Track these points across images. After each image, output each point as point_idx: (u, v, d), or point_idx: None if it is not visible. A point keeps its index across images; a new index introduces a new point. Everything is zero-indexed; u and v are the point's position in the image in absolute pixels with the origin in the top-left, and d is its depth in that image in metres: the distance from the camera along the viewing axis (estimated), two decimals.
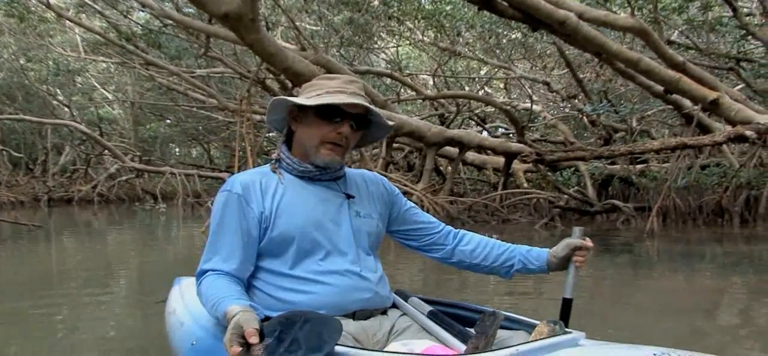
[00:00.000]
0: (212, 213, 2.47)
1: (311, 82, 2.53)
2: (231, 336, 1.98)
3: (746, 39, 14.62)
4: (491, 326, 2.12)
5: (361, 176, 2.71)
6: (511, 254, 2.73)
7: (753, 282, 6.81)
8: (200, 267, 2.40)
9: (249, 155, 12.18)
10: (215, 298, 2.23)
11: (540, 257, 2.69)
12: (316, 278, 2.38)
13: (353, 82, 2.51)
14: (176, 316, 2.85)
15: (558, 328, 2.12)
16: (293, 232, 2.38)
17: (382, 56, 21.73)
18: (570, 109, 19.51)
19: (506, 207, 14.38)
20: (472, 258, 2.77)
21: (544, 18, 10.01)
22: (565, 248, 2.60)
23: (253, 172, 2.51)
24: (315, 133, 2.44)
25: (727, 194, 12.41)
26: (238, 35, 10.17)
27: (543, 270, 2.70)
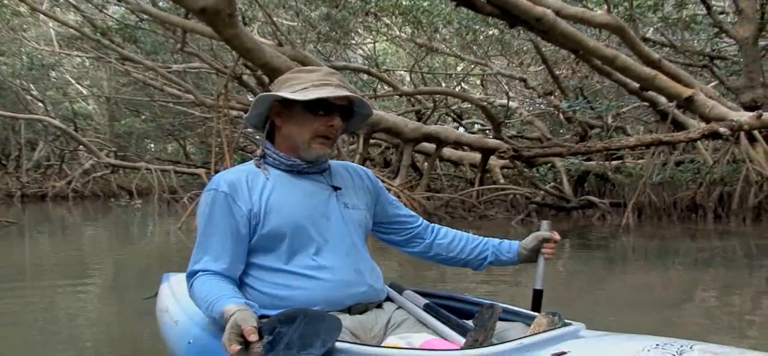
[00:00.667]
0: (198, 213, 2.45)
1: (288, 75, 2.50)
2: (230, 334, 1.98)
3: (720, 37, 14.77)
4: (490, 319, 2.13)
5: (344, 167, 2.70)
6: (485, 247, 2.79)
7: (725, 276, 6.88)
8: (190, 268, 2.38)
9: (226, 151, 12.14)
10: (209, 298, 2.21)
11: (511, 249, 2.76)
12: (311, 273, 2.37)
13: (333, 73, 2.50)
14: (170, 314, 2.83)
15: (557, 320, 2.12)
16: (284, 228, 2.36)
17: (359, 52, 21.70)
18: (546, 105, 19.60)
19: (483, 203, 14.43)
20: (448, 252, 2.81)
21: (522, 14, 10.05)
22: (534, 240, 2.69)
23: (237, 170, 2.49)
24: (305, 127, 2.42)
25: (701, 190, 12.52)
26: (215, 30, 10.11)
27: (513, 262, 2.77)
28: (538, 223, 2.96)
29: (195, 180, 22.48)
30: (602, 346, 1.95)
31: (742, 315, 5.04)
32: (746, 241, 9.92)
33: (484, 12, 10.58)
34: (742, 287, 6.22)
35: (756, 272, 7.27)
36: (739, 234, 10.51)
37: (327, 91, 2.37)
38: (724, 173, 12.19)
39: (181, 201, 18.18)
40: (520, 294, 5.46)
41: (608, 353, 1.88)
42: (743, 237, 10.28)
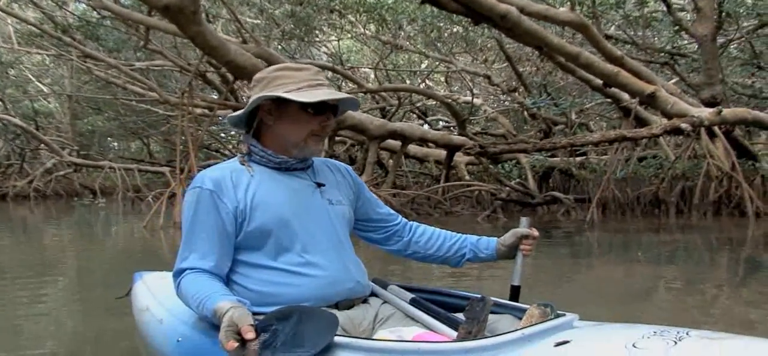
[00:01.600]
0: (184, 212, 2.44)
1: (275, 74, 2.48)
2: (226, 332, 1.98)
3: (680, 34, 14.97)
4: (482, 311, 2.13)
5: (325, 164, 2.71)
6: (462, 244, 2.82)
7: (688, 269, 6.99)
8: (177, 266, 2.37)
9: (191, 149, 12.05)
10: (200, 296, 2.21)
11: (489, 246, 2.78)
12: (299, 270, 2.37)
13: (319, 72, 2.51)
14: (152, 313, 2.81)
15: (549, 311, 2.14)
16: (270, 224, 2.36)
17: (324, 49, 21.67)
18: (510, 102, 19.72)
19: (449, 199, 14.49)
20: (426, 249, 2.83)
21: (486, 12, 10.11)
22: (513, 236, 2.72)
23: (221, 167, 2.48)
24: (301, 126, 2.43)
25: (663, 185, 12.69)
26: (179, 27, 10.05)
27: (492, 258, 2.80)
28: (504, 221, 2.99)
29: (159, 179, 22.29)
30: (602, 335, 1.97)
31: (703, 305, 5.12)
32: (707, 235, 10.07)
33: (449, 9, 10.63)
34: (704, 279, 6.32)
35: (717, 265, 7.39)
36: (700, 228, 10.67)
37: (324, 93, 2.39)
38: (686, 168, 12.36)
39: (145, 200, 18.03)
40: (490, 288, 5.50)
41: (609, 340, 1.90)
42: (704, 231, 10.44)
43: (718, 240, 9.56)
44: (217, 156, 24.90)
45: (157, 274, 3.47)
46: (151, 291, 3.04)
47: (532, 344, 1.93)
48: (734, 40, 15.16)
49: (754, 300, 5.29)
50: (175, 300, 2.53)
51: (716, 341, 1.72)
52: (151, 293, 3.00)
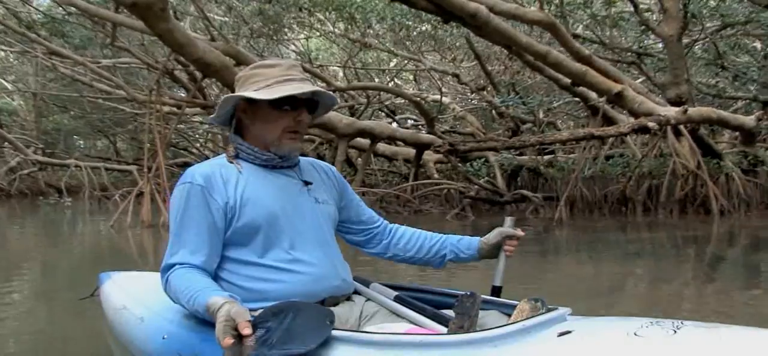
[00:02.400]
0: (172, 207, 2.42)
1: (250, 72, 2.49)
2: (224, 327, 1.97)
3: (646, 34, 15.14)
4: (472, 307, 2.14)
5: (311, 164, 2.71)
6: (443, 244, 2.81)
7: (654, 266, 7.05)
8: (166, 261, 2.35)
9: (158, 147, 11.94)
10: (190, 291, 2.20)
11: (471, 245, 2.77)
12: (286, 266, 2.37)
13: (294, 65, 2.50)
14: (130, 312, 2.78)
15: (540, 305, 2.15)
16: (260, 220, 2.36)
17: (292, 48, 21.59)
18: (479, 100, 19.80)
19: (418, 197, 14.51)
20: (406, 251, 2.83)
21: (456, 10, 10.15)
22: (497, 236, 2.71)
23: (210, 164, 2.48)
24: (274, 124, 2.43)
25: (630, 184, 12.81)
26: (147, 24, 9.96)
27: (474, 258, 2.79)
28: (473, 219, 3.00)
29: (126, 178, 22.10)
30: (601, 325, 2.00)
31: (672, 301, 5.18)
32: (673, 233, 10.18)
33: (418, 7, 10.66)
34: (671, 276, 6.40)
35: (683, 261, 7.48)
36: (666, 226, 10.78)
37: (291, 88, 2.38)
38: (652, 167, 12.50)
39: (112, 199, 17.85)
40: (463, 286, 5.51)
41: (610, 330, 1.93)
42: (670, 228, 10.55)
43: (684, 238, 9.67)
44: (185, 154, 24.77)
45: (129, 274, 3.44)
46: (126, 290, 3.01)
47: (535, 335, 1.95)
48: (699, 41, 15.36)
49: (721, 295, 5.37)
50: (155, 298, 2.52)
51: (713, 330, 1.77)
52: (127, 292, 2.97)
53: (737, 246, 8.96)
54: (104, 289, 3.28)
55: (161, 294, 2.54)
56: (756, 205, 12.56)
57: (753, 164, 13.10)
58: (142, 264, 7.42)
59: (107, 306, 3.12)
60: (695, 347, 1.70)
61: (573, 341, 1.86)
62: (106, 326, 3.30)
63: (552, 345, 1.87)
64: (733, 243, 9.33)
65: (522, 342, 1.91)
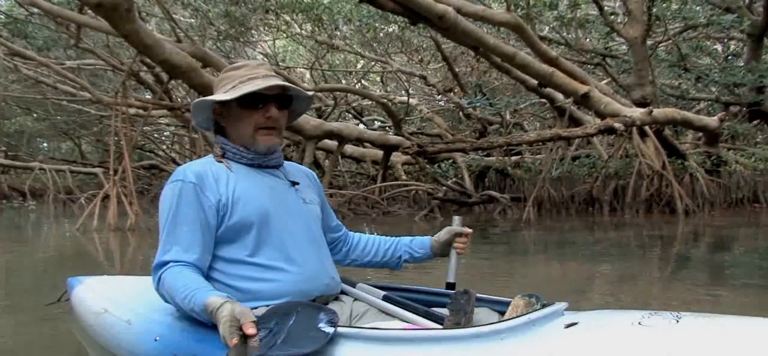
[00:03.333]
0: (163, 204, 2.41)
1: (221, 75, 2.54)
2: (229, 328, 1.97)
3: (611, 36, 15.30)
4: (467, 303, 2.16)
5: (295, 167, 2.75)
6: (398, 246, 2.89)
7: (621, 266, 7.12)
8: (158, 259, 2.34)
9: (125, 150, 11.82)
10: (186, 290, 2.19)
11: (423, 245, 2.86)
12: (279, 265, 2.38)
13: (261, 65, 2.54)
14: (114, 316, 2.75)
15: (535, 301, 2.16)
16: (252, 219, 2.37)
17: (259, 49, 21.50)
18: (446, 102, 19.87)
19: (386, 199, 14.50)
20: (364, 256, 2.90)
21: (424, 12, 10.18)
22: (446, 234, 2.78)
23: (200, 162, 2.49)
24: (245, 123, 2.46)
25: (597, 184, 12.93)
26: (112, 25, 9.84)
27: (428, 257, 2.86)
28: (442, 220, 3.05)
29: (92, 180, 21.83)
30: (605, 317, 2.05)
31: (637, 298, 5.24)
32: (639, 232, 10.29)
33: (386, 9, 10.67)
34: (637, 274, 6.47)
35: (649, 260, 7.56)
36: (633, 226, 10.89)
37: (252, 85, 2.40)
38: (618, 167, 12.63)
39: (77, 202, 17.62)
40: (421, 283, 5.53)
41: (615, 320, 1.99)
42: (637, 228, 10.66)
43: (650, 237, 9.77)
44: (152, 157, 24.56)
45: (102, 278, 3.40)
46: (104, 294, 2.97)
47: (542, 327, 1.99)
48: (662, 43, 15.57)
49: (686, 293, 5.43)
50: (140, 300, 2.50)
51: (712, 318, 1.86)
52: (106, 296, 2.94)
53: (702, 245, 9.08)
54: (77, 294, 3.24)
55: (146, 296, 2.53)
56: (719, 205, 12.75)
57: (716, 164, 13.30)
58: (109, 268, 7.33)
59: (83, 310, 3.08)
60: (698, 333, 1.78)
61: (581, 332, 1.91)
62: (81, 331, 3.25)
63: (561, 336, 1.91)
64: (698, 242, 9.45)
65: (530, 334, 1.95)
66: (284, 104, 2.51)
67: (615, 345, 1.82)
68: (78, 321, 3.23)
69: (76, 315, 3.26)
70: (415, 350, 1.99)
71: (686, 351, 1.72)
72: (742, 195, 13.16)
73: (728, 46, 18.00)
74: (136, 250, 9.28)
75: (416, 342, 2.01)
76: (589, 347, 1.85)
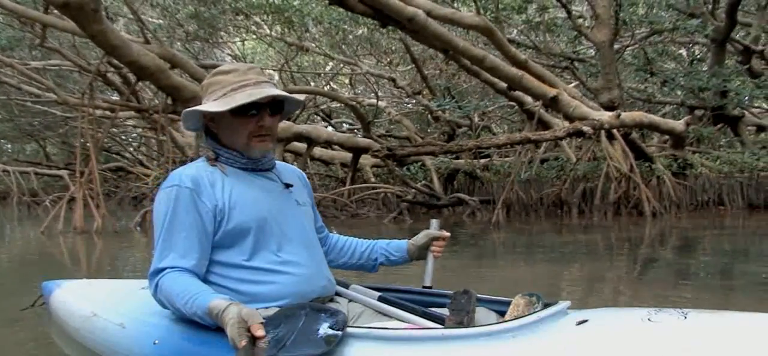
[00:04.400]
0: (158, 210, 2.39)
1: (208, 81, 2.50)
2: (238, 330, 1.97)
3: (579, 40, 15.42)
4: (468, 303, 2.16)
5: (286, 168, 2.75)
6: (374, 249, 2.90)
7: (590, 267, 7.17)
8: (155, 266, 2.32)
9: (92, 151, 11.68)
10: (187, 294, 2.18)
11: (400, 248, 2.86)
12: (276, 268, 2.38)
13: (251, 69, 2.51)
14: (104, 319, 2.73)
15: (535, 300, 2.17)
16: (250, 223, 2.36)
17: (227, 51, 21.39)
18: (414, 104, 19.90)
19: (355, 202, 14.47)
20: (340, 257, 2.91)
21: (394, 14, 10.18)
22: (424, 238, 2.79)
23: (194, 166, 2.47)
24: (238, 131, 2.44)
25: (565, 187, 13.01)
26: (79, 26, 9.73)
27: (405, 260, 2.87)
28: (411, 222, 3.07)
29: (57, 183, 21.57)
30: (611, 315, 2.09)
31: (606, 300, 5.28)
32: (607, 234, 10.37)
33: (356, 11, 10.65)
34: (606, 276, 6.52)
35: (617, 262, 7.62)
36: (601, 228, 10.97)
37: (244, 96, 2.37)
38: (587, 170, 12.73)
39: (42, 205, 17.40)
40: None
41: (624, 317, 2.04)
42: (605, 230, 10.74)
43: (618, 239, 9.85)
44: (118, 159, 24.30)
45: (83, 282, 3.38)
46: (89, 298, 2.95)
47: (553, 324, 2.02)
48: (629, 47, 15.73)
49: (655, 293, 5.48)
50: (130, 304, 2.50)
51: (718, 314, 1.93)
52: (92, 300, 2.92)
53: (668, 247, 9.17)
54: (56, 298, 3.20)
55: (135, 300, 2.52)
56: (686, 207, 12.88)
57: (682, 167, 13.44)
58: (75, 271, 7.23)
59: (67, 314, 3.04)
60: (707, 328, 1.85)
61: (593, 328, 1.94)
62: (64, 335, 3.20)
63: (574, 333, 1.94)
64: (665, 243, 9.54)
65: (543, 331, 1.97)
66: (276, 110, 2.50)
67: (628, 341, 1.86)
68: (60, 325, 3.18)
69: (57, 319, 3.22)
70: (426, 349, 2.00)
71: (697, 345, 1.77)
72: (708, 198, 13.30)
73: (693, 51, 18.23)
74: (102, 253, 9.18)
75: (427, 342, 2.02)
76: (604, 343, 1.89)
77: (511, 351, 1.93)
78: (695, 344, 1.77)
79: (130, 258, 8.78)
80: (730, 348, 1.75)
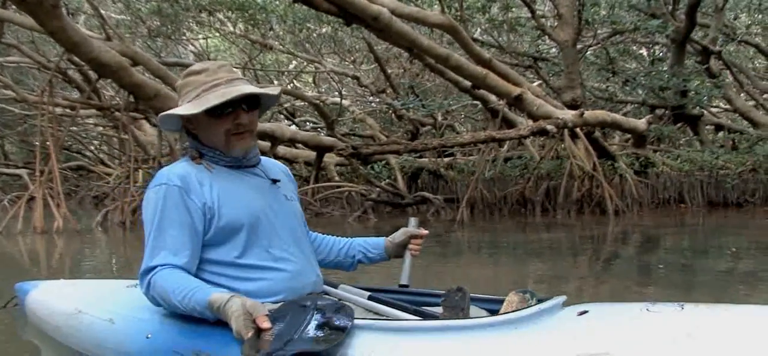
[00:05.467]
0: (148, 209, 2.37)
1: (181, 82, 2.49)
2: (244, 321, 1.98)
3: (542, 39, 15.53)
4: (462, 300, 2.16)
5: (271, 163, 2.75)
6: (352, 247, 2.91)
7: (554, 265, 7.23)
8: (146, 264, 2.30)
9: (52, 150, 11.50)
10: (184, 290, 2.17)
11: (378, 246, 2.88)
12: (269, 264, 2.37)
13: (221, 67, 2.49)
14: (91, 316, 2.71)
15: (529, 297, 2.18)
16: (242, 219, 2.36)
17: (191, 48, 21.21)
18: (378, 103, 19.91)
19: (319, 200, 14.42)
20: (318, 254, 2.87)
21: (358, 13, 10.16)
22: (402, 235, 2.81)
23: (181, 165, 2.45)
24: (215, 131, 2.43)
25: (529, 185, 13.08)
26: (38, 22, 9.56)
27: (383, 258, 2.89)
28: (375, 221, 3.08)
29: (15, 182, 21.18)
30: (609, 308, 2.14)
31: (570, 297, 5.32)
32: (571, 232, 10.44)
33: (321, 9, 10.61)
34: (570, 274, 6.59)
35: (581, 260, 7.69)
36: (564, 226, 11.05)
37: (216, 94, 2.36)
38: (550, 169, 12.82)
39: (0, 204, 17.09)
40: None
41: (622, 309, 2.09)
42: (569, 228, 10.81)
43: (582, 237, 9.94)
44: (79, 157, 23.95)
45: (60, 282, 3.37)
46: (71, 296, 2.93)
47: (555, 315, 2.07)
48: (591, 47, 15.89)
49: (617, 289, 5.55)
50: (116, 300, 2.51)
51: (713, 306, 2.00)
52: (75, 298, 2.89)
53: (631, 244, 9.27)
54: (33, 298, 3.16)
55: (121, 297, 2.51)
56: (647, 205, 13.03)
57: (644, 166, 13.60)
58: (35, 272, 7.12)
59: (47, 314, 3.00)
60: (705, 318, 1.92)
61: (595, 318, 1.96)
62: (44, 335, 3.16)
63: (576, 323, 1.97)
64: (628, 241, 9.65)
65: (545, 322, 2.02)
66: (252, 105, 2.48)
67: (631, 328, 1.92)
68: (39, 325, 3.14)
69: (35, 319, 3.18)
70: (434, 340, 2.01)
71: (698, 331, 1.83)
72: (669, 196, 13.48)
73: (654, 51, 18.46)
74: (65, 253, 9.05)
75: (435, 332, 2.03)
76: (608, 330, 1.94)
77: (521, 339, 1.95)
78: (695, 330, 1.83)
79: (93, 258, 8.68)
80: (727, 335, 1.82)
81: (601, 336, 1.90)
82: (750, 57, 20.01)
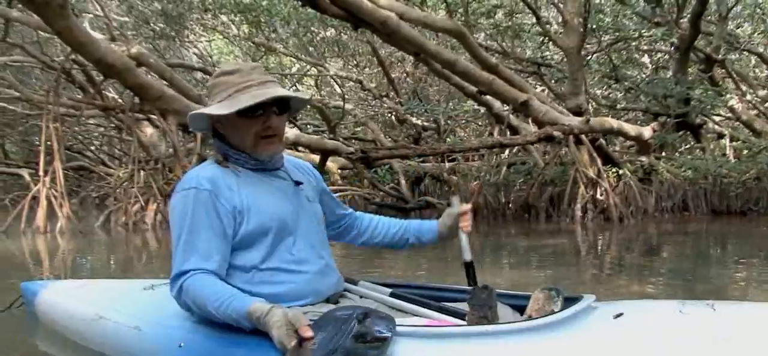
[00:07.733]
0: (177, 212, 2.35)
1: (213, 81, 2.46)
2: (286, 331, 1.97)
3: (546, 45, 15.52)
4: (489, 298, 2.15)
5: (294, 164, 2.71)
6: (407, 229, 2.96)
7: (557, 271, 7.20)
8: (178, 268, 2.27)
9: (56, 150, 11.48)
10: (220, 298, 2.15)
11: (431, 229, 2.94)
12: (293, 267, 2.37)
13: (254, 68, 2.47)
14: (114, 322, 2.66)
15: (555, 294, 2.16)
16: (269, 224, 2.35)
17: (193, 50, 21.20)
18: (380, 107, 19.90)
19: None
20: (373, 237, 2.94)
21: (367, 17, 10.16)
22: (449, 218, 2.86)
23: (209, 168, 2.44)
24: (245, 133, 2.41)
25: (533, 191, 13.06)
26: (45, 22, 9.59)
27: (434, 241, 2.96)
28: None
29: (17, 181, 21.15)
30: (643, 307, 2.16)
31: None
32: (575, 238, 10.43)
33: (329, 13, 10.61)
34: (574, 280, 6.56)
35: (584, 265, 7.68)
36: (568, 232, 11.03)
37: (249, 95, 2.34)
38: (554, 175, 12.81)
39: (1, 204, 17.07)
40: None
41: (657, 310, 2.11)
42: (572, 234, 10.80)
43: (585, 243, 9.93)
44: (80, 158, 23.92)
45: (70, 283, 3.29)
46: (89, 299, 2.87)
47: (590, 318, 2.06)
48: (595, 53, 15.89)
49: (622, 293, 5.54)
50: (140, 305, 2.46)
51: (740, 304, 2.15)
52: (92, 301, 2.84)
53: (635, 251, 9.25)
54: (44, 300, 3.11)
55: (142, 300, 2.47)
56: (651, 212, 13.01)
57: (647, 173, 13.59)
58: (36, 272, 7.09)
59: (68, 317, 2.95)
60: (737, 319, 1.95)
61: (631, 321, 1.99)
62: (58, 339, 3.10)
63: (614, 326, 1.99)
64: (631, 248, 9.62)
65: (582, 325, 2.03)
66: (283, 109, 2.46)
67: (666, 332, 1.92)
68: (54, 328, 3.09)
69: (48, 322, 3.12)
70: (472, 346, 2.00)
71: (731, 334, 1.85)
72: (672, 203, 13.46)
73: (656, 59, 18.47)
74: (67, 253, 9.02)
75: (472, 338, 2.02)
76: (644, 334, 1.93)
77: (559, 344, 1.95)
78: (727, 334, 1.85)
79: (98, 258, 8.65)
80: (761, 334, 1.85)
81: (639, 341, 1.91)
82: (752, 66, 20.01)
